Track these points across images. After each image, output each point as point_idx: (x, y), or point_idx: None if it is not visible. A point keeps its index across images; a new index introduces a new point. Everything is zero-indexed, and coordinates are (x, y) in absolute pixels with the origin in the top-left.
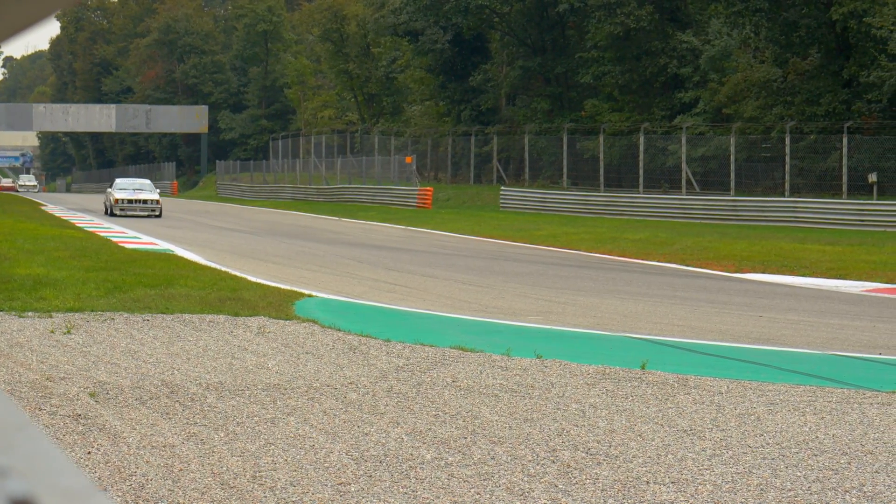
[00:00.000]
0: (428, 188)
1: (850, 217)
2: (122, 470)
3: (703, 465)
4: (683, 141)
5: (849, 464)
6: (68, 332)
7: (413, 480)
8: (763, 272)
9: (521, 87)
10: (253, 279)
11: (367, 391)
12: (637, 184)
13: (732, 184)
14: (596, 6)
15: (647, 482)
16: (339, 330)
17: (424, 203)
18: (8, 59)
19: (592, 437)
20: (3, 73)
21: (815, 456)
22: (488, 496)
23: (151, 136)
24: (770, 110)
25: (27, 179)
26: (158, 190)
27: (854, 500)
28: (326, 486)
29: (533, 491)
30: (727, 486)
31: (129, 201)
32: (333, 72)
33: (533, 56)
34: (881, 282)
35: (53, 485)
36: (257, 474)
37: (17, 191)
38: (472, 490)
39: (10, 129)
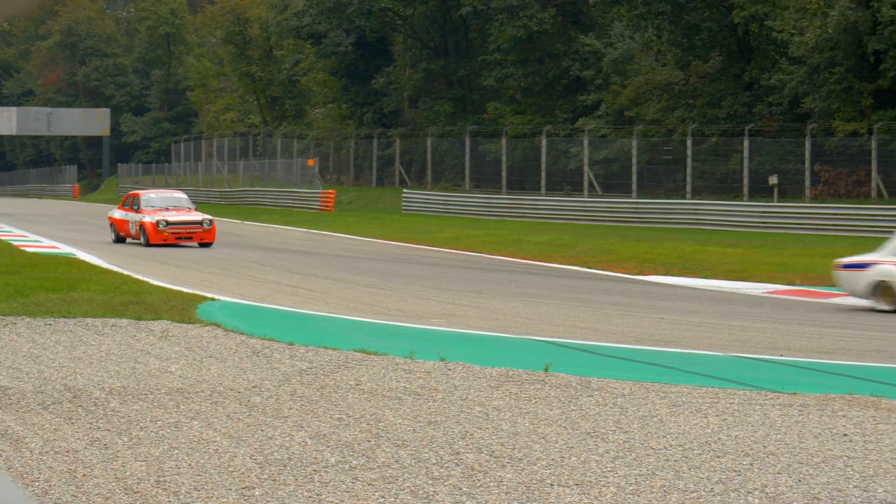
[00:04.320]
0: (330, 191)
1: (751, 219)
2: (25, 476)
3: (606, 468)
4: (586, 143)
5: (751, 465)
6: None
7: (317, 484)
8: (665, 274)
9: (423, 89)
10: (155, 283)
11: (270, 395)
12: (539, 186)
13: (634, 186)
14: (499, 9)
15: (551, 485)
16: (243, 333)
17: (327, 206)
18: None
19: (496, 439)
20: None
21: (718, 457)
22: (392, 499)
23: (53, 139)
24: (672, 113)
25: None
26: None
27: (757, 501)
28: (230, 490)
29: (437, 494)
30: (631, 489)
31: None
32: (236, 74)
33: (436, 59)
34: (782, 283)
35: None
36: (161, 479)
37: (177, 241)
38: (377, 493)
39: None
